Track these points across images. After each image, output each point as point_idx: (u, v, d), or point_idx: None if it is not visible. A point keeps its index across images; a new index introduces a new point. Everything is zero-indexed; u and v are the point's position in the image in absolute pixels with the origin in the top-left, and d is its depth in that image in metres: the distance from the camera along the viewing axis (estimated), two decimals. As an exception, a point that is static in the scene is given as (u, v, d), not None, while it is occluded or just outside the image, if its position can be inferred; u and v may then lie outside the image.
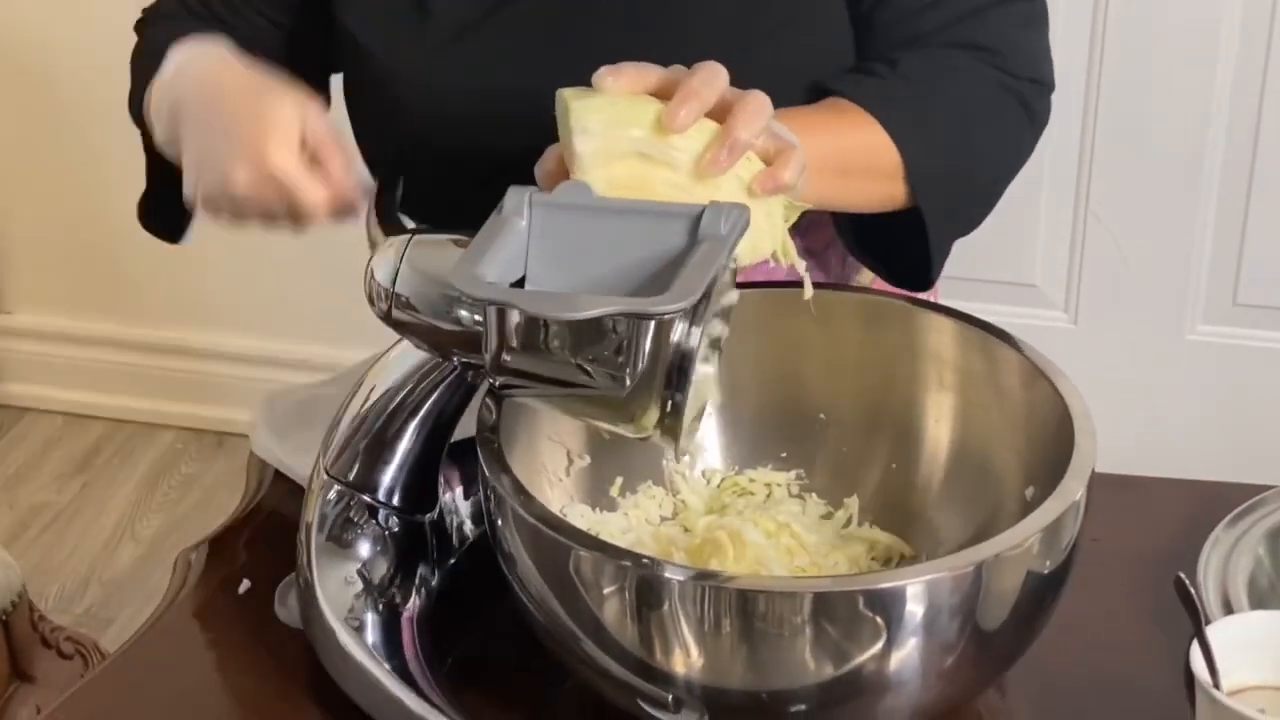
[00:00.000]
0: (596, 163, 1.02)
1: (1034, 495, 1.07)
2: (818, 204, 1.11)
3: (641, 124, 1.02)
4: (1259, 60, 2.26)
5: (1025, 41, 1.32)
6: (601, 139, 1.02)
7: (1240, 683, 1.01)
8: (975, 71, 1.29)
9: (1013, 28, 1.32)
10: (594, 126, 1.02)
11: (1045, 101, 1.33)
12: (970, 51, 1.29)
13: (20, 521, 2.67)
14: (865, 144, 1.22)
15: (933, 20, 1.30)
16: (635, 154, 1.02)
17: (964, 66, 1.29)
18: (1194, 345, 2.45)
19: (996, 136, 1.30)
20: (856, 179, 1.22)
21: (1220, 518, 1.23)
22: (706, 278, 0.93)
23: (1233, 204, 2.35)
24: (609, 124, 1.02)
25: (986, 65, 1.29)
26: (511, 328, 0.96)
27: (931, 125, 1.25)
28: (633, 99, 1.03)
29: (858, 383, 1.20)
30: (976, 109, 1.28)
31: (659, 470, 1.20)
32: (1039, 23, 1.34)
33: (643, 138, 1.02)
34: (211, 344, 2.86)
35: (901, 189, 1.24)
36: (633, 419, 0.97)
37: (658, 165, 1.02)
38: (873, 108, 1.23)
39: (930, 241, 1.26)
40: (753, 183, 1.03)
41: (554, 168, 1.07)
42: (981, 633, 0.98)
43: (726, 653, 0.96)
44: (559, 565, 0.97)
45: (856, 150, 1.22)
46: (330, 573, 1.10)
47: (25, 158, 2.82)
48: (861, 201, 1.25)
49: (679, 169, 1.02)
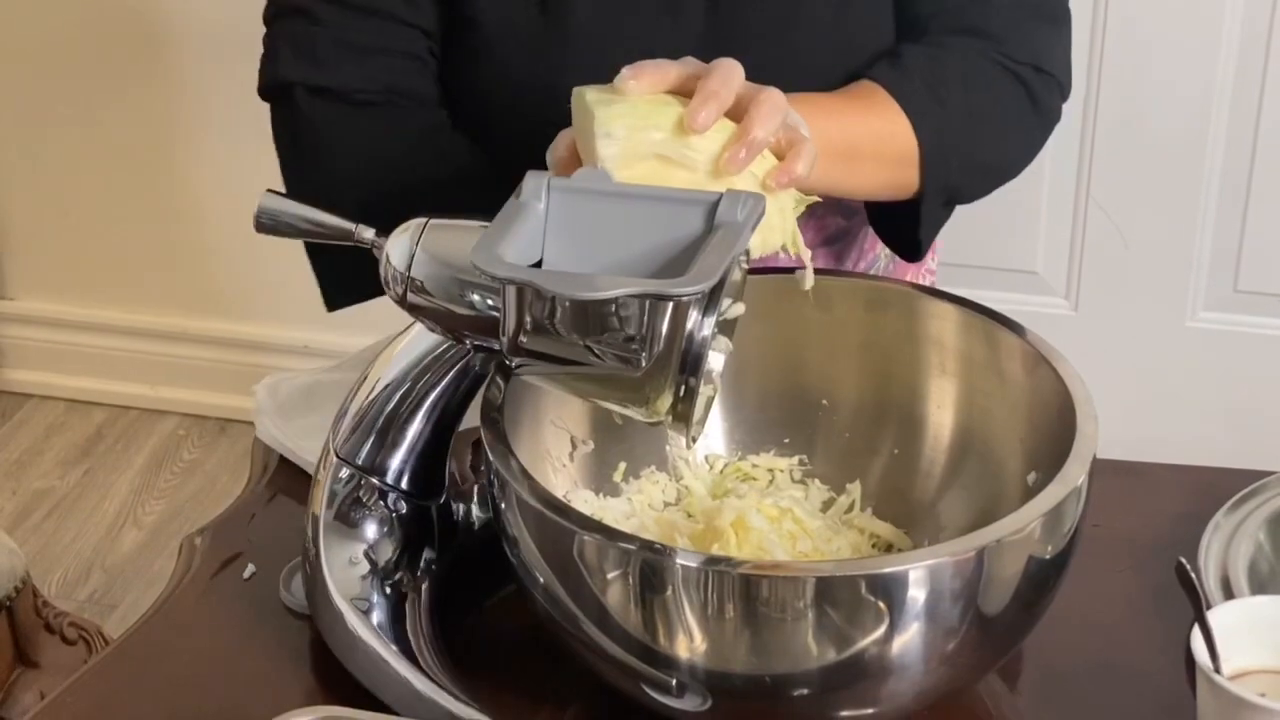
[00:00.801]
0: (618, 165, 1.04)
1: (1036, 481, 1.07)
2: (825, 189, 1.12)
3: (662, 127, 1.05)
4: (1260, 46, 2.26)
5: (1028, 29, 1.33)
6: (624, 143, 1.04)
7: (1241, 667, 1.02)
8: (973, 55, 1.29)
9: (1013, 13, 1.32)
10: (617, 131, 1.04)
11: (1054, 98, 1.33)
12: (968, 36, 1.30)
13: (23, 508, 2.68)
14: (876, 128, 1.23)
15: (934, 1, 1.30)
16: (655, 156, 1.04)
17: (962, 49, 1.29)
18: (1195, 332, 2.45)
19: (999, 115, 1.31)
20: (865, 163, 1.22)
21: (1221, 503, 1.23)
22: (724, 262, 0.94)
23: (1234, 191, 2.35)
24: (631, 128, 1.04)
25: (986, 49, 1.30)
26: (530, 308, 0.97)
27: (942, 104, 1.26)
28: (653, 101, 1.05)
29: (860, 369, 1.20)
30: (978, 88, 1.29)
31: (662, 456, 1.20)
32: (1051, 17, 1.34)
33: (663, 140, 1.04)
34: (213, 330, 2.86)
35: (911, 175, 1.25)
36: (647, 402, 0.98)
37: (676, 166, 1.04)
38: (892, 88, 1.23)
39: (921, 220, 1.27)
40: (767, 178, 1.05)
41: (565, 154, 1.08)
42: (983, 617, 0.98)
43: (730, 637, 0.96)
44: (563, 549, 0.98)
45: (866, 135, 1.23)
46: (337, 553, 1.10)
47: (27, 144, 2.82)
48: (870, 186, 1.25)
49: (697, 169, 1.04)
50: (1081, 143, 2.36)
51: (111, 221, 2.82)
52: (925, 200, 1.28)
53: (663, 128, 1.04)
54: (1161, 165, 2.35)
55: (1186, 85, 2.30)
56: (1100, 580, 1.19)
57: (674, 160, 1.04)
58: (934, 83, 1.27)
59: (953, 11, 1.31)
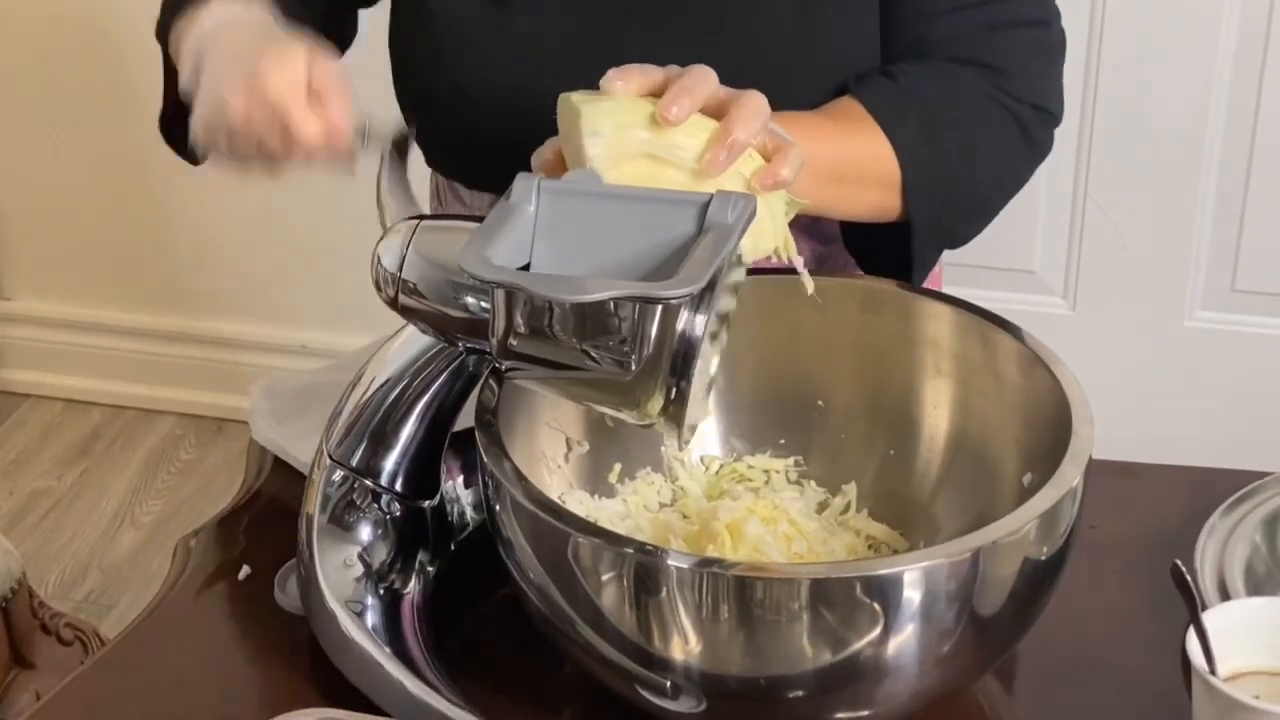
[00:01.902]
0: (606, 165, 1.03)
1: (1032, 481, 1.07)
2: (810, 209, 1.12)
3: (649, 126, 1.04)
4: (1258, 46, 2.26)
5: (1034, 67, 1.31)
6: (611, 141, 1.03)
7: (1236, 668, 1.02)
8: (975, 89, 1.28)
9: (1023, 51, 1.31)
10: (604, 129, 1.03)
11: (1047, 131, 1.32)
12: (974, 68, 1.29)
13: (20, 508, 2.68)
14: (862, 153, 1.23)
15: (944, 28, 1.29)
16: (643, 155, 1.04)
17: (965, 82, 1.28)
18: (1192, 331, 2.45)
19: (993, 156, 1.30)
20: (850, 186, 1.22)
21: (1217, 504, 1.23)
22: (713, 264, 0.93)
23: (1231, 190, 2.35)
24: (618, 126, 1.04)
25: (989, 84, 1.29)
26: (518, 311, 0.97)
27: (933, 141, 1.25)
28: (639, 101, 1.05)
29: (856, 370, 1.20)
30: (976, 127, 1.28)
31: (658, 457, 1.20)
32: (1053, 52, 1.33)
33: (650, 139, 1.04)
34: (210, 330, 2.86)
35: (895, 200, 1.25)
36: (637, 405, 0.98)
37: (665, 165, 1.04)
38: (882, 117, 1.23)
39: (914, 251, 1.27)
40: (752, 179, 1.04)
41: (552, 157, 1.08)
42: (979, 619, 0.98)
43: (724, 639, 0.96)
44: (557, 551, 0.98)
45: (852, 159, 1.23)
46: (331, 555, 1.10)
47: (25, 145, 2.82)
48: (854, 209, 1.26)
49: (684, 168, 1.04)
50: (1079, 142, 2.36)
51: (109, 222, 2.82)
52: (915, 237, 1.27)
53: (649, 127, 1.04)
54: (1159, 165, 2.35)
55: (1184, 85, 2.30)
56: (1096, 581, 1.19)
57: (662, 159, 1.04)
58: (927, 117, 1.26)
59: (963, 42, 1.29)
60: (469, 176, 1.42)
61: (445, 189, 1.46)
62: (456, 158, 1.42)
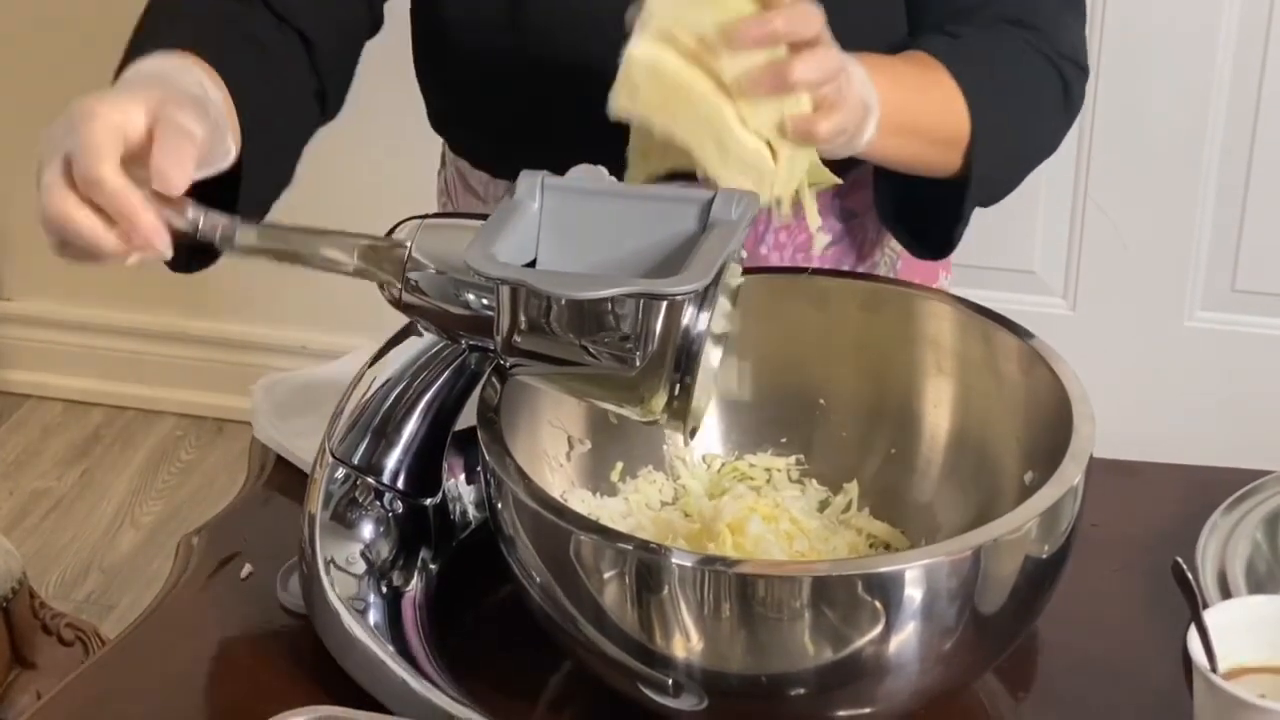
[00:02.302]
0: (656, 37, 1.01)
1: (1033, 480, 1.07)
2: (879, 160, 1.10)
3: (718, 21, 1.02)
4: (1258, 46, 2.26)
5: (1069, 24, 1.33)
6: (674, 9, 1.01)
7: (1237, 666, 1.02)
8: (1025, 45, 1.29)
9: (1055, 7, 1.32)
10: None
11: (1082, 86, 1.33)
12: (1017, 27, 1.29)
13: (21, 508, 2.68)
14: (939, 108, 1.22)
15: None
16: (690, 52, 1.02)
17: (1013, 38, 1.29)
18: (1192, 331, 2.45)
19: (1041, 114, 1.31)
20: (920, 141, 1.22)
21: (1218, 503, 1.23)
22: (718, 261, 0.94)
23: (1231, 190, 2.35)
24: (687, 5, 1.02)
25: (1034, 40, 1.29)
26: (524, 307, 0.97)
27: (999, 98, 1.25)
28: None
29: (857, 368, 1.20)
30: (1029, 85, 1.29)
31: (659, 455, 1.20)
32: (1079, 7, 1.35)
33: (708, 35, 1.01)
34: (211, 330, 2.86)
35: (956, 157, 1.24)
36: (641, 401, 0.98)
37: (703, 76, 1.02)
38: (957, 73, 1.23)
39: (964, 211, 1.27)
40: (787, 120, 1.03)
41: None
42: (980, 617, 0.98)
43: (726, 637, 0.96)
44: (559, 549, 0.98)
45: (931, 114, 1.22)
46: (333, 553, 1.10)
47: (25, 145, 2.81)
48: (916, 164, 1.25)
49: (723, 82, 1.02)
50: (1079, 142, 2.36)
51: (109, 222, 2.82)
52: (969, 192, 1.27)
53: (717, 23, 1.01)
54: (1159, 165, 2.35)
55: (1184, 85, 2.30)
56: (1097, 579, 1.19)
57: (705, 66, 1.01)
58: (992, 70, 1.26)
59: (1002, 1, 1.31)
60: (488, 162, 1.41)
61: (455, 186, 1.46)
62: (477, 143, 1.40)
